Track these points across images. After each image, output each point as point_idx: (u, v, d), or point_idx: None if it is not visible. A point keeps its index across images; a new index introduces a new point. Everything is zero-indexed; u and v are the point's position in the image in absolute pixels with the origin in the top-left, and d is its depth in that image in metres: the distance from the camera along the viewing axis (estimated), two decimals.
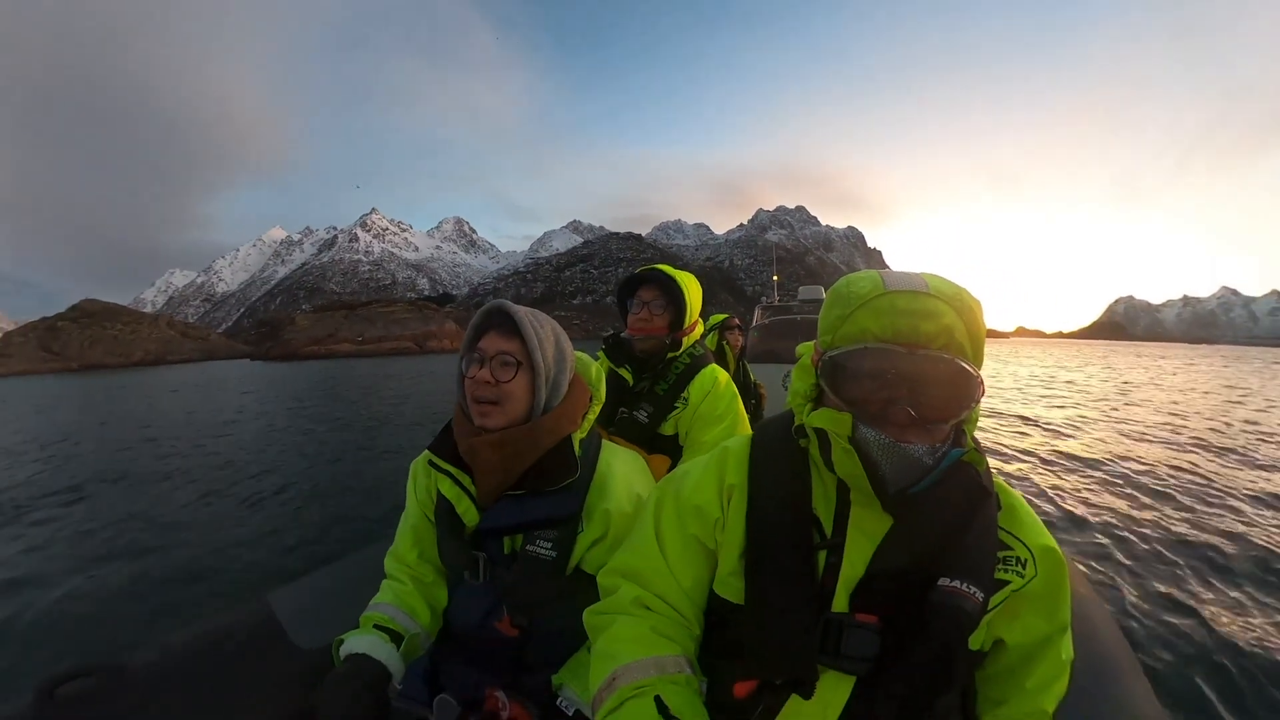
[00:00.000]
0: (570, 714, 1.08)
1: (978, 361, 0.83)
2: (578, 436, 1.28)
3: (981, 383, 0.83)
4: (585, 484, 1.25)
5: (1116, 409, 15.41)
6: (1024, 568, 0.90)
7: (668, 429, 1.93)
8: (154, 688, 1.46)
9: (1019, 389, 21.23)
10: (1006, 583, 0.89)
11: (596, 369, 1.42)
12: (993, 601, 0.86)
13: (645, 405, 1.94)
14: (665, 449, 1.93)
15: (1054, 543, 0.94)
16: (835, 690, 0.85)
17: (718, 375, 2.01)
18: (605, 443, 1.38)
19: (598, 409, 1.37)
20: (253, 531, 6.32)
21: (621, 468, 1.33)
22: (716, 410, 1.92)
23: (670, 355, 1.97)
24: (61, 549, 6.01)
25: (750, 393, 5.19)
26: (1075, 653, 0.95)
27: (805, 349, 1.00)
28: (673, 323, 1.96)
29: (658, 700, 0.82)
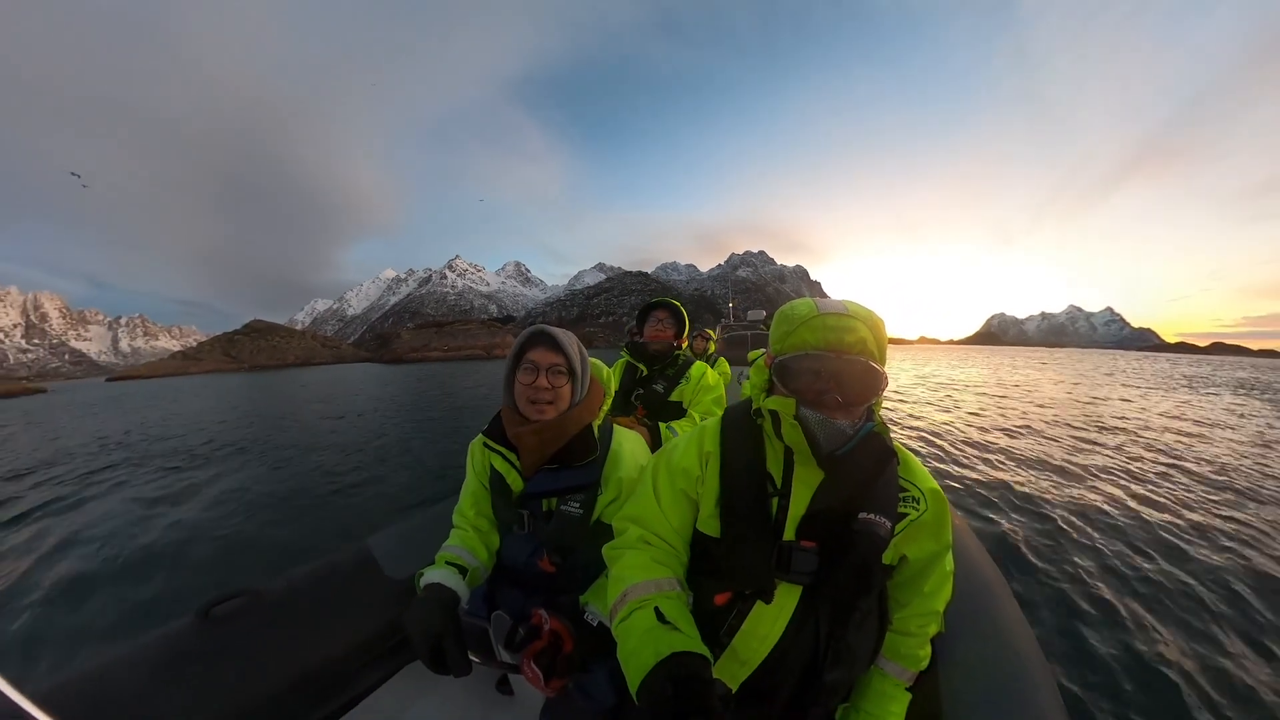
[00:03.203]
0: (595, 624, 1.06)
1: (883, 362, 0.85)
2: (595, 423, 1.25)
3: (885, 377, 0.86)
4: (602, 459, 1.22)
5: (987, 394, 15.08)
6: (918, 504, 0.93)
7: (675, 396, 2.15)
8: (284, 607, 1.44)
9: (922, 381, 20.96)
10: (906, 515, 0.92)
11: (608, 372, 1.38)
12: (897, 529, 0.90)
13: (661, 381, 2.17)
14: (672, 409, 2.13)
15: (938, 486, 0.97)
16: (788, 596, 0.88)
17: (705, 366, 2.22)
18: (615, 426, 1.35)
19: (609, 402, 1.34)
20: (356, 490, 6.19)
21: (629, 445, 1.30)
22: (708, 384, 2.15)
23: (676, 353, 2.21)
24: (221, 499, 5.95)
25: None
26: (955, 566, 1.00)
27: (756, 354, 1.00)
28: (676, 333, 2.21)
29: (656, 609, 0.84)
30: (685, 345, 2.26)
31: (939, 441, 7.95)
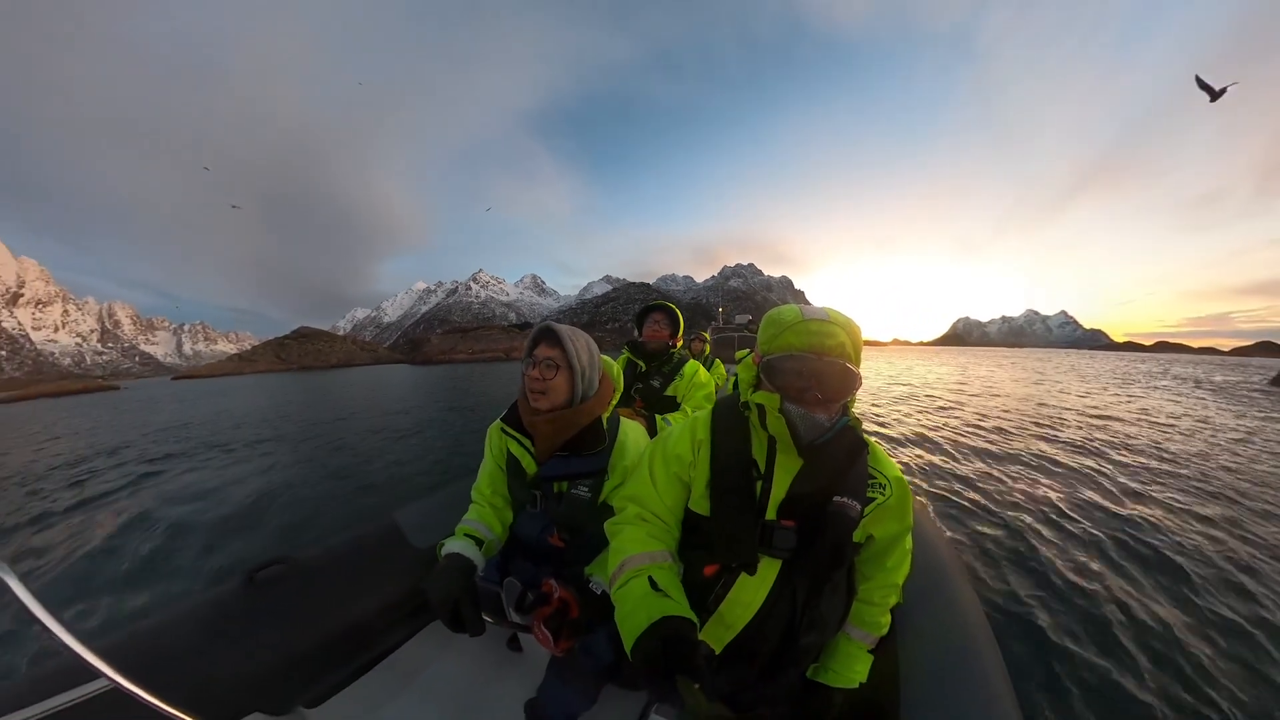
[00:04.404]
0: (598, 593, 1.06)
1: (858, 364, 0.86)
2: (605, 415, 1.23)
3: (860, 377, 0.86)
4: (610, 448, 1.21)
5: (949, 390, 14.79)
6: (884, 490, 0.93)
7: (670, 391, 2.10)
8: (321, 573, 1.44)
9: (894, 379, 20.80)
10: (874, 499, 0.92)
11: (617, 368, 1.38)
12: (866, 511, 0.91)
13: (658, 377, 2.12)
14: (667, 402, 2.09)
15: (902, 474, 0.97)
16: (769, 569, 0.89)
17: (697, 365, 2.18)
18: (622, 419, 1.33)
19: (618, 397, 1.32)
20: (385, 469, 6.12)
21: (633, 436, 1.29)
22: (700, 381, 2.12)
23: (671, 351, 2.15)
24: (267, 477, 5.91)
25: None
26: (914, 546, 1.01)
27: (743, 354, 0.96)
28: (671, 333, 2.16)
29: (650, 578, 0.84)
30: (680, 344, 2.20)
31: (904, 433, 7.86)
